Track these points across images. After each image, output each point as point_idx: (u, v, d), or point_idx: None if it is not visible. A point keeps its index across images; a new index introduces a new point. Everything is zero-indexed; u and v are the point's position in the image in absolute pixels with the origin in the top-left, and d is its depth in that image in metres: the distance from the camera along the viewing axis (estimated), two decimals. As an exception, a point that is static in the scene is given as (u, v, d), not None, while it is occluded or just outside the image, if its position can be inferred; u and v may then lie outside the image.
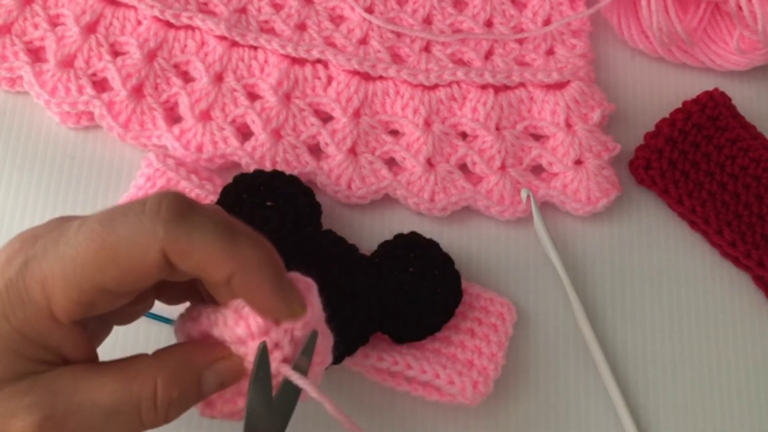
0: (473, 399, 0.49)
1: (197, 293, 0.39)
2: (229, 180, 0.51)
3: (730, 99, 0.58)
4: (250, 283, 0.34)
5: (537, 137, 0.57)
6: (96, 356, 0.36)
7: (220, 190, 0.51)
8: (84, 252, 0.32)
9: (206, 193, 0.51)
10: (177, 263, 0.33)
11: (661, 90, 0.61)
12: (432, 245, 0.51)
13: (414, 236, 0.51)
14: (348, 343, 0.48)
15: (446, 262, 0.50)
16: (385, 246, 0.51)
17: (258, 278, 0.34)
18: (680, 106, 0.58)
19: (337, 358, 0.48)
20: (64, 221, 0.35)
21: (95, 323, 0.37)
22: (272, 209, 0.50)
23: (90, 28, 0.56)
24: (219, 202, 0.50)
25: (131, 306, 0.37)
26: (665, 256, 0.57)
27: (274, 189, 0.50)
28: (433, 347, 0.50)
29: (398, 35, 0.58)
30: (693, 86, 0.60)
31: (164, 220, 0.32)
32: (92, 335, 0.38)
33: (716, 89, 0.58)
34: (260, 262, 0.34)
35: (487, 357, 0.50)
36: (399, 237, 0.51)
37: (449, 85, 0.57)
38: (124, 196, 0.52)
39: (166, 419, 0.35)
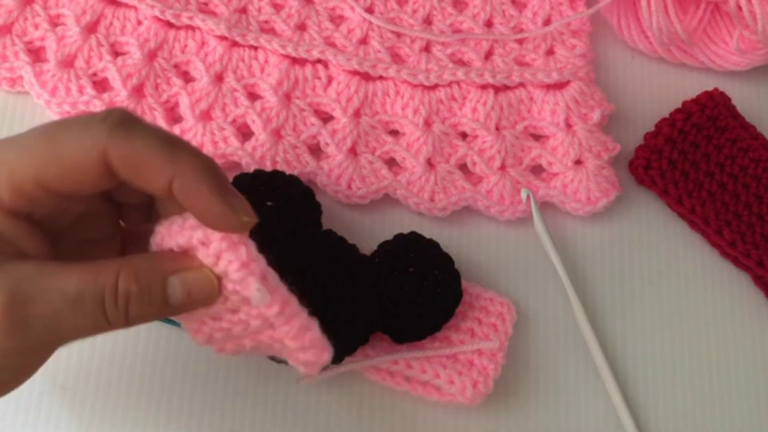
0: (473, 399, 0.49)
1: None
2: (229, 180, 0.51)
3: (729, 99, 0.58)
4: (189, 188, 0.34)
5: (537, 137, 0.57)
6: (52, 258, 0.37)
7: (220, 190, 0.51)
8: (32, 143, 0.34)
9: (206, 193, 0.51)
10: (117, 167, 0.34)
11: (661, 90, 0.61)
12: (432, 245, 0.51)
13: (414, 236, 0.51)
14: (348, 342, 0.48)
15: (446, 262, 0.50)
16: (385, 246, 0.51)
17: (196, 183, 0.34)
18: (680, 106, 0.58)
19: (337, 358, 0.48)
20: None
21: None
22: (272, 209, 0.50)
23: (90, 28, 0.56)
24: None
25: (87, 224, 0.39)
26: (665, 256, 0.57)
27: (274, 189, 0.51)
28: (433, 347, 0.50)
29: (398, 35, 0.58)
30: (693, 86, 0.60)
31: (110, 125, 0.34)
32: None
33: (716, 89, 0.58)
34: (199, 167, 0.34)
35: (487, 357, 0.50)
36: (399, 237, 0.51)
37: (449, 85, 0.57)
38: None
39: (127, 317, 0.35)
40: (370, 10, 0.58)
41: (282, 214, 0.50)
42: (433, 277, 0.50)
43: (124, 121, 0.34)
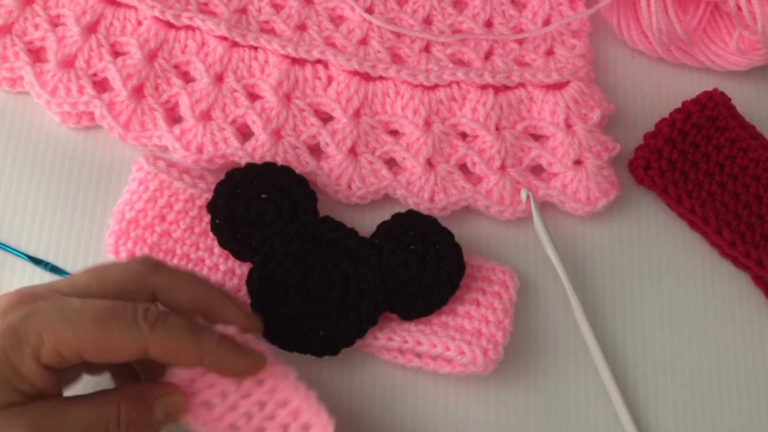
0: (485, 367, 0.49)
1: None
2: (222, 176, 0.51)
3: (729, 99, 0.58)
4: (217, 362, 0.43)
5: (537, 137, 0.57)
6: (62, 394, 0.43)
7: (213, 187, 0.51)
8: (87, 325, 0.40)
9: (200, 192, 0.51)
10: (154, 354, 0.41)
11: (660, 90, 0.61)
12: (430, 221, 0.51)
13: (412, 214, 0.51)
14: (357, 325, 0.49)
15: (446, 237, 0.51)
16: (384, 226, 0.51)
17: (221, 357, 0.43)
18: (680, 106, 0.58)
19: (348, 342, 0.49)
20: (58, 291, 0.42)
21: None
22: (267, 201, 0.50)
23: (90, 29, 0.56)
24: (213, 199, 0.50)
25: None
26: (665, 256, 0.57)
27: (267, 181, 0.51)
28: (441, 321, 0.50)
29: (398, 35, 0.58)
30: (693, 86, 0.60)
31: (151, 324, 0.41)
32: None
33: (716, 89, 0.58)
34: (220, 343, 0.43)
35: (494, 324, 0.50)
36: (397, 216, 0.51)
37: (449, 85, 0.57)
38: (119, 202, 0.52)
39: None
40: (370, 11, 0.59)
41: (277, 205, 0.50)
42: (435, 252, 0.50)
43: (160, 318, 0.42)
